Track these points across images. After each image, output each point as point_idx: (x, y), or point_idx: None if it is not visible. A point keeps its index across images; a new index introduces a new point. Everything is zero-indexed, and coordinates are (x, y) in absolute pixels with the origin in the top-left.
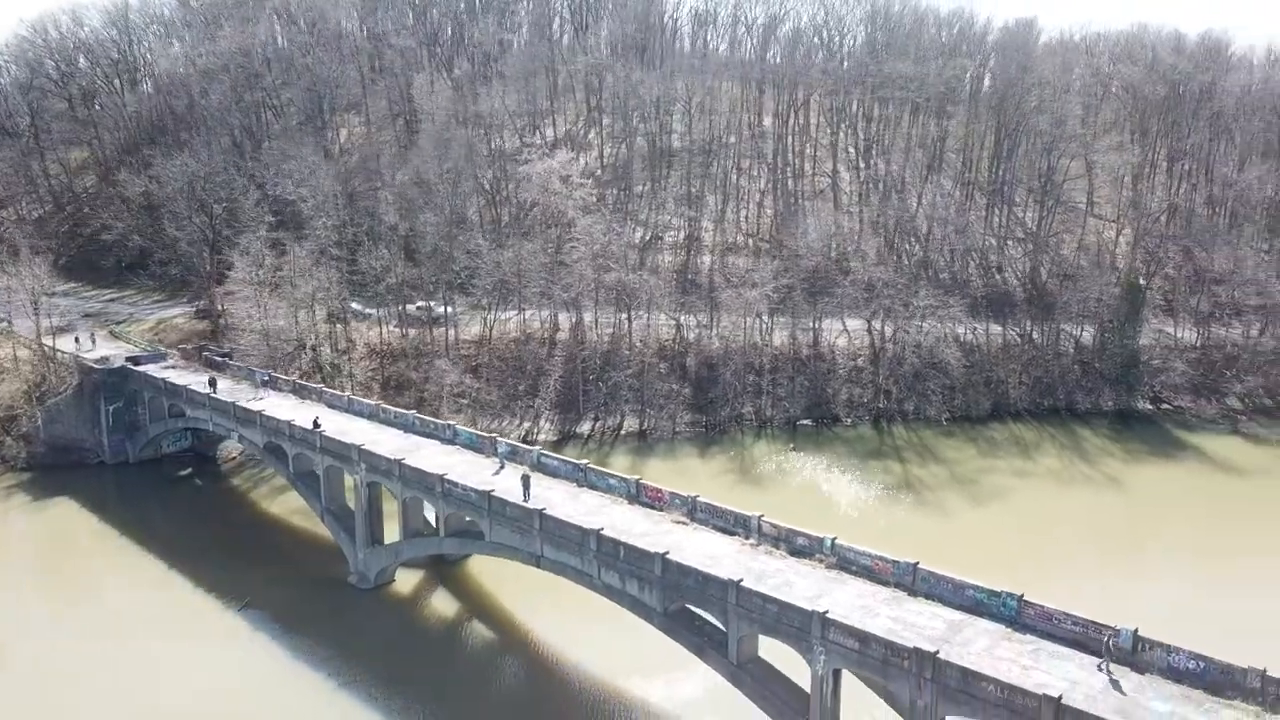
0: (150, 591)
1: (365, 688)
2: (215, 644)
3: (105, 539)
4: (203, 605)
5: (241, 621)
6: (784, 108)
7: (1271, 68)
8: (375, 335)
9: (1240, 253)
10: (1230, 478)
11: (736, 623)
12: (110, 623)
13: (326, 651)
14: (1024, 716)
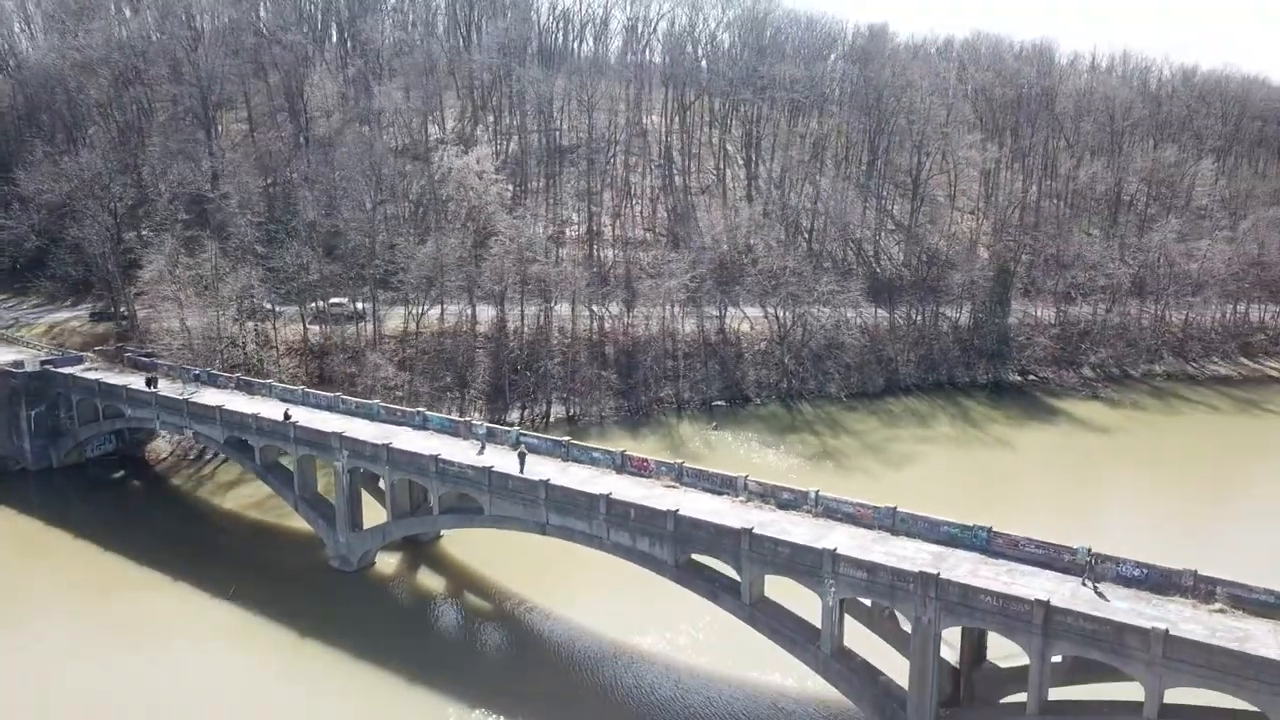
0: (140, 593)
1: (376, 660)
2: (219, 638)
3: (56, 546)
4: (190, 601)
5: (233, 612)
6: (670, 107)
7: (1097, 75)
8: (291, 332)
9: (1084, 239)
10: (1094, 435)
11: (749, 567)
12: (109, 629)
13: (330, 630)
14: (1017, 619)
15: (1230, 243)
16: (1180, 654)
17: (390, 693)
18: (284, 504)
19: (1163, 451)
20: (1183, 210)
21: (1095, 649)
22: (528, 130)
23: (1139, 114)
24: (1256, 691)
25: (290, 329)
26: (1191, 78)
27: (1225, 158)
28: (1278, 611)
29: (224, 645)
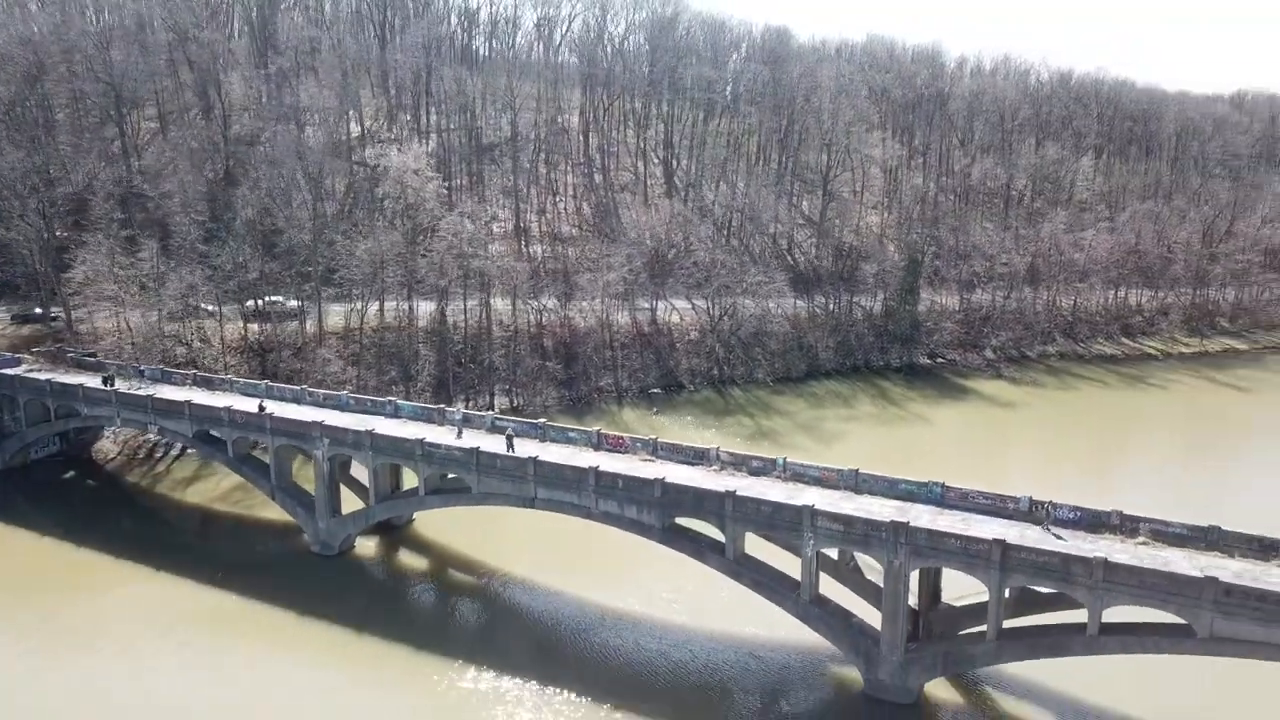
0: (128, 585)
1: (372, 631)
2: (218, 621)
3: (27, 546)
4: (179, 588)
5: (225, 597)
6: (586, 106)
7: (984, 78)
8: (230, 330)
9: (980, 232)
10: (1000, 409)
11: (732, 526)
12: (107, 616)
13: (325, 608)
14: (977, 557)
15: (1111, 233)
16: (1117, 578)
17: (386, 659)
18: (250, 495)
19: (1061, 421)
20: (1067, 204)
21: (1045, 579)
22: (450, 128)
23: (1025, 115)
24: (1180, 605)
25: (229, 327)
26: (1069, 80)
27: (1102, 155)
28: (1191, 542)
29: (223, 627)
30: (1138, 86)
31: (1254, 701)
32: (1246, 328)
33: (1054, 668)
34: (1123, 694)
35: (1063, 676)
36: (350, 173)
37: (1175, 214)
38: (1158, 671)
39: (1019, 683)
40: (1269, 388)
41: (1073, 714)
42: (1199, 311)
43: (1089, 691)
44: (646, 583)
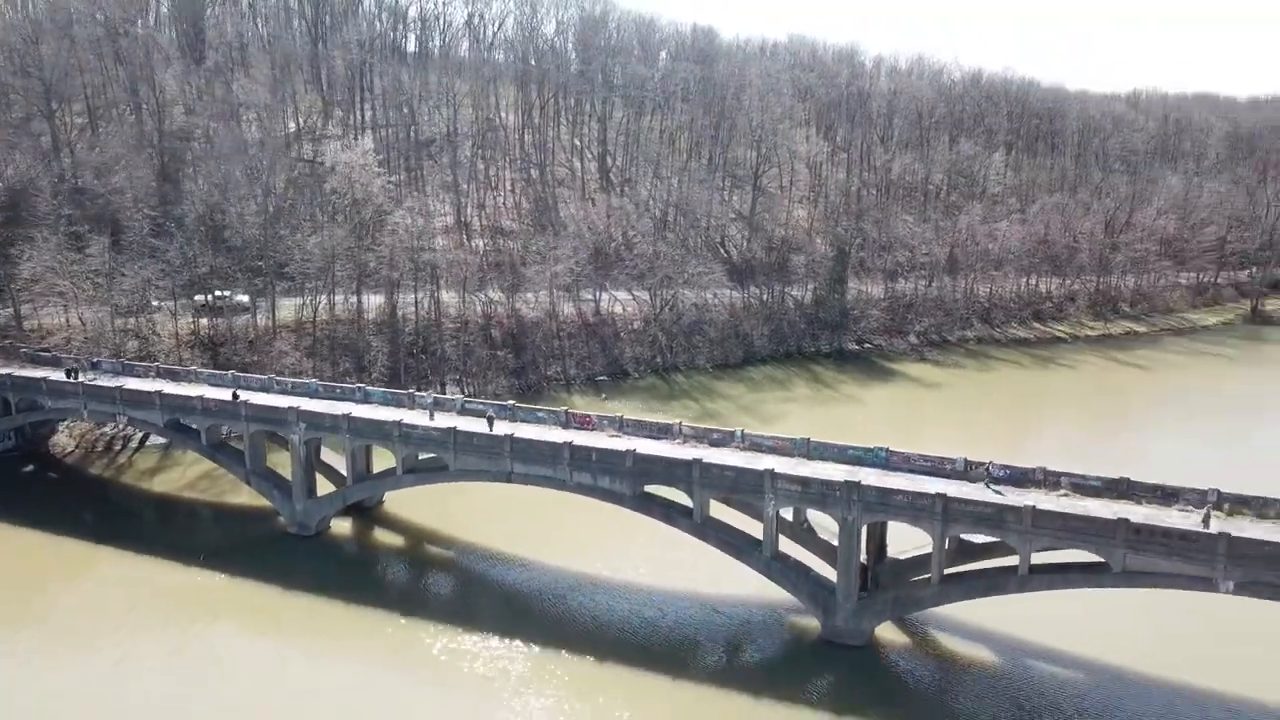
0: (114, 568)
1: (357, 602)
2: (207, 600)
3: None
4: (165, 570)
5: (211, 577)
6: (519, 103)
7: (900, 77)
8: (180, 325)
9: (902, 224)
10: (926, 389)
11: (700, 491)
12: (100, 597)
13: (310, 582)
14: (922, 510)
15: (1022, 224)
16: (1043, 523)
17: (372, 629)
18: (217, 483)
19: (982, 399)
20: (981, 197)
21: (982, 527)
22: (389, 124)
23: (940, 113)
24: (1098, 545)
25: (179, 322)
26: (979, 80)
27: (1012, 151)
28: (1105, 493)
29: (209, 605)
30: (1043, 86)
31: (1158, 629)
32: (1145, 312)
33: (988, 610)
34: (1047, 629)
35: (996, 618)
36: (290, 168)
37: (1080, 206)
38: (1077, 607)
39: (958, 624)
40: (1165, 366)
41: (1003, 647)
42: (1103, 297)
43: (1019, 629)
44: (615, 551)
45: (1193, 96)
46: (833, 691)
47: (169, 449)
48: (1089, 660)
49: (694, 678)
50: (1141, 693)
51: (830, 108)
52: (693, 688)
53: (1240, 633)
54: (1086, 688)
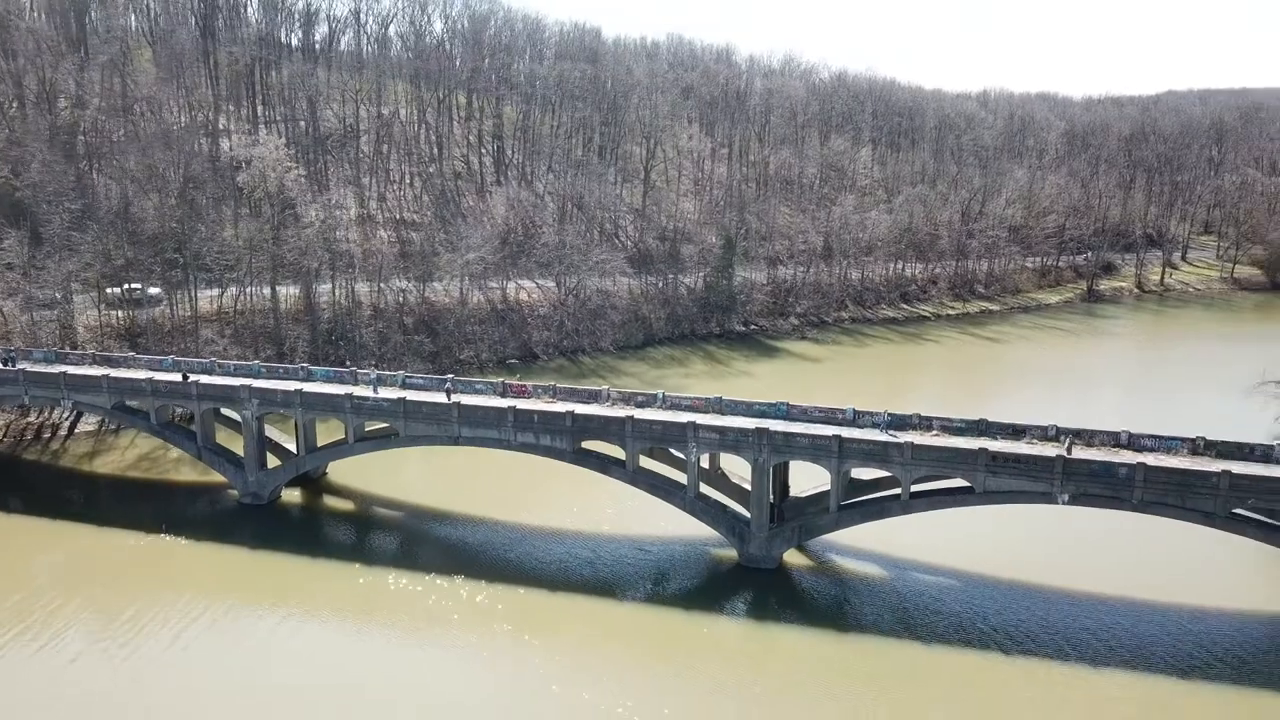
0: (80, 541)
1: (314, 556)
2: (179, 566)
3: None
4: (130, 540)
5: (177, 544)
6: (420, 100)
7: (773, 76)
8: (91, 318)
9: (780, 215)
10: (809, 363)
11: (632, 444)
12: (89, 571)
13: (275, 541)
14: (822, 450)
15: (889, 214)
16: (921, 455)
17: (334, 579)
18: (158, 463)
19: (859, 369)
20: (851, 189)
21: (871, 461)
22: (286, 119)
23: (813, 110)
24: (964, 471)
25: (90, 314)
26: (845, 79)
27: (878, 146)
28: (967, 432)
29: (188, 566)
30: (902, 85)
31: (1009, 542)
32: (998, 292)
33: (875, 534)
34: (923, 547)
35: (881, 540)
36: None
37: (939, 197)
38: (946, 528)
39: (851, 547)
40: (1015, 339)
41: (889, 563)
42: (961, 280)
43: (901, 548)
44: (552, 507)
45: (1035, 96)
46: (750, 606)
47: (101, 434)
48: (957, 569)
49: (629, 601)
50: (1000, 593)
51: (711, 105)
52: (628, 608)
53: (1071, 540)
54: (956, 592)
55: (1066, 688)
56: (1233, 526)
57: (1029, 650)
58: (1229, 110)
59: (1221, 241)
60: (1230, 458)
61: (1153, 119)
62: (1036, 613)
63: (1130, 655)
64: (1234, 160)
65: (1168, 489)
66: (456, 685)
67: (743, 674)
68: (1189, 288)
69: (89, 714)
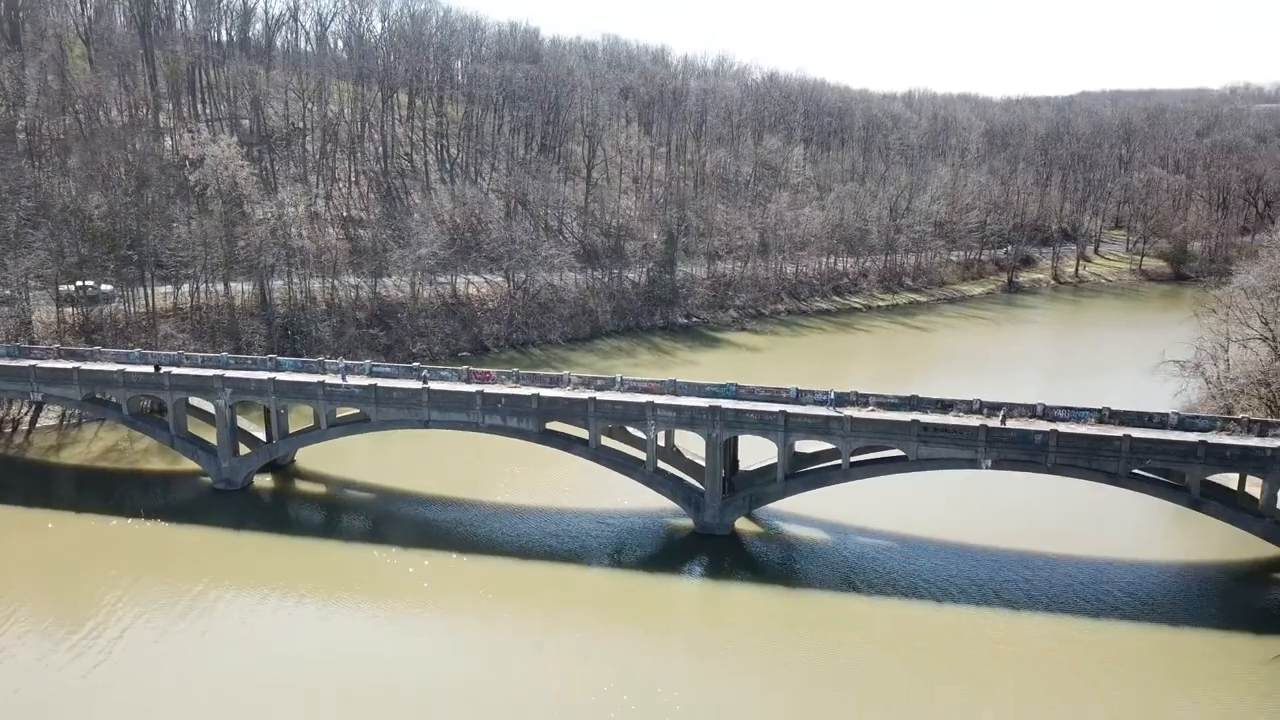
0: (65, 529)
1: (293, 535)
2: (166, 553)
3: None
4: (111, 526)
5: (158, 527)
6: (364, 99)
7: (708, 77)
8: (48, 314)
9: (719, 211)
10: (750, 352)
11: (595, 423)
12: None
13: (256, 522)
14: (769, 424)
15: (821, 211)
16: (859, 428)
17: (312, 555)
18: (125, 454)
19: (796, 357)
20: (784, 187)
21: (814, 434)
22: (226, 118)
23: (747, 111)
24: (898, 441)
25: (46, 310)
26: (777, 79)
27: (810, 145)
28: (901, 407)
29: (174, 547)
30: (831, 85)
31: (938, 507)
32: (924, 284)
33: (818, 502)
34: (861, 513)
35: (824, 508)
36: (138, 163)
37: (868, 194)
38: (881, 495)
39: (796, 514)
40: (941, 327)
41: (831, 528)
42: (890, 273)
43: (841, 515)
44: (517, 484)
45: (957, 96)
46: (706, 568)
47: (64, 429)
48: (893, 532)
49: (594, 567)
50: (932, 552)
51: (649, 105)
52: (594, 573)
53: (994, 503)
54: (893, 552)
55: (994, 629)
56: (1133, 484)
57: (960, 599)
58: (1137, 111)
59: (1130, 236)
60: (1131, 425)
61: (1067, 119)
62: (965, 568)
63: (1049, 601)
64: (1142, 159)
65: (1077, 453)
66: (429, 649)
67: (701, 626)
68: (1101, 279)
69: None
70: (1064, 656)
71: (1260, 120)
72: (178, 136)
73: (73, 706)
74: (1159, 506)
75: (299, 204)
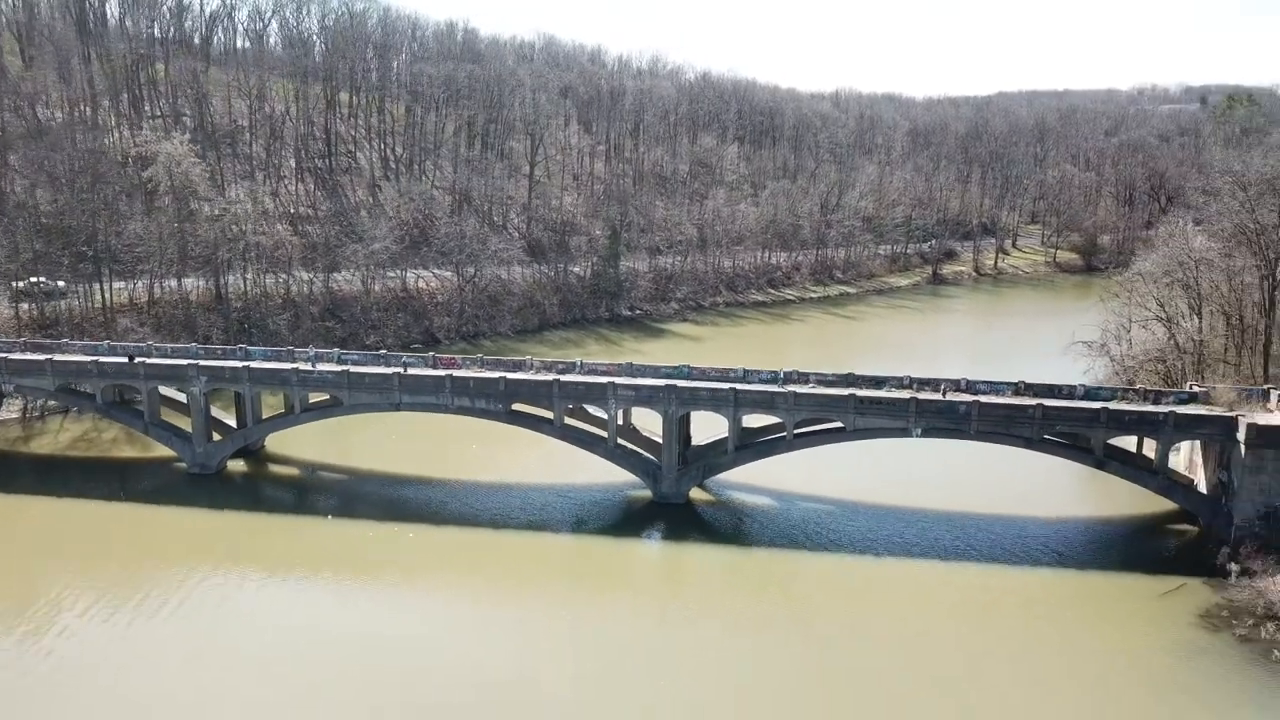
0: (47, 515)
1: (271, 511)
2: (169, 528)
3: None
4: (90, 510)
5: (141, 509)
6: (306, 97)
7: (644, 77)
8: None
9: (658, 208)
10: (692, 341)
11: (559, 403)
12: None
13: (235, 502)
14: (721, 400)
15: (755, 207)
16: (802, 402)
17: (292, 530)
18: (96, 443)
19: (735, 345)
20: (720, 183)
21: (760, 408)
22: (166, 115)
23: (683, 110)
24: (838, 414)
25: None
26: (710, 79)
27: (743, 144)
28: (838, 384)
29: (164, 526)
30: (761, 85)
31: (872, 473)
32: (854, 277)
33: (765, 472)
34: (804, 481)
35: (770, 476)
36: (92, 161)
37: (800, 191)
38: (822, 464)
39: (745, 484)
40: (870, 317)
41: (776, 495)
42: (821, 266)
43: (786, 483)
44: (483, 464)
45: (881, 96)
46: (665, 533)
47: (27, 420)
48: (833, 497)
49: (561, 535)
50: (869, 514)
51: (589, 105)
52: (560, 541)
53: (925, 468)
54: (833, 514)
55: (925, 578)
56: (1046, 448)
57: (894, 554)
58: (1050, 111)
59: (1045, 230)
60: (1043, 396)
61: (985, 119)
62: (898, 526)
63: (973, 553)
64: (1055, 157)
65: (997, 421)
66: (404, 617)
67: (662, 583)
68: (1019, 270)
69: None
70: (987, 598)
71: (1163, 120)
72: (119, 134)
73: (46, 688)
74: (1068, 468)
75: (250, 201)
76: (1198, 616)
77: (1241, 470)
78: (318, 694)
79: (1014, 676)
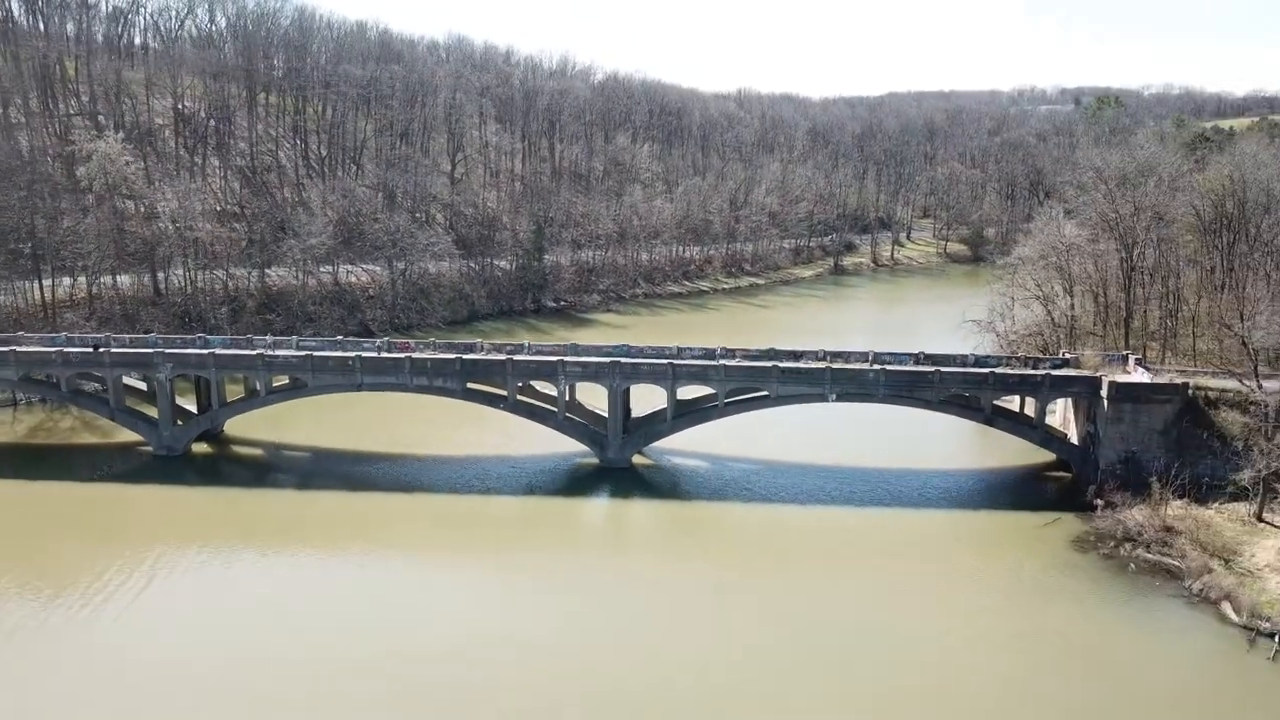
0: (28, 498)
1: (240, 487)
2: (149, 502)
3: None
4: (72, 489)
5: (123, 488)
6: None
7: (563, 79)
8: None
9: (578, 204)
10: (617, 330)
11: (512, 380)
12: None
13: (208, 478)
14: (659, 374)
15: (670, 203)
16: (731, 373)
17: (261, 504)
18: (54, 431)
19: (659, 334)
20: (635, 181)
21: (695, 380)
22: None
23: (597, 109)
24: (763, 382)
25: None
26: (619, 79)
27: (655, 143)
28: (762, 358)
29: (145, 502)
30: (668, 85)
31: (793, 434)
32: (762, 269)
33: (699, 438)
34: (734, 444)
35: (703, 441)
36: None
37: (710, 188)
38: (749, 428)
39: (682, 449)
40: (779, 305)
41: (709, 457)
42: (732, 259)
43: (717, 446)
44: (440, 440)
45: (780, 96)
46: (611, 493)
47: None
48: (759, 458)
49: (516, 498)
50: (793, 471)
51: (506, 105)
52: (516, 504)
53: (838, 430)
54: (761, 473)
55: (843, 524)
56: (944, 408)
57: (816, 503)
58: (938, 112)
59: (936, 223)
60: (941, 364)
61: (878, 119)
62: (819, 481)
63: (884, 500)
64: (944, 155)
65: (901, 385)
66: (370, 585)
67: (610, 536)
68: (913, 261)
69: (82, 658)
70: (897, 537)
71: (1041, 120)
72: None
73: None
74: (962, 425)
75: (177, 200)
76: (1071, 541)
77: (1105, 422)
78: (283, 660)
79: (928, 596)
